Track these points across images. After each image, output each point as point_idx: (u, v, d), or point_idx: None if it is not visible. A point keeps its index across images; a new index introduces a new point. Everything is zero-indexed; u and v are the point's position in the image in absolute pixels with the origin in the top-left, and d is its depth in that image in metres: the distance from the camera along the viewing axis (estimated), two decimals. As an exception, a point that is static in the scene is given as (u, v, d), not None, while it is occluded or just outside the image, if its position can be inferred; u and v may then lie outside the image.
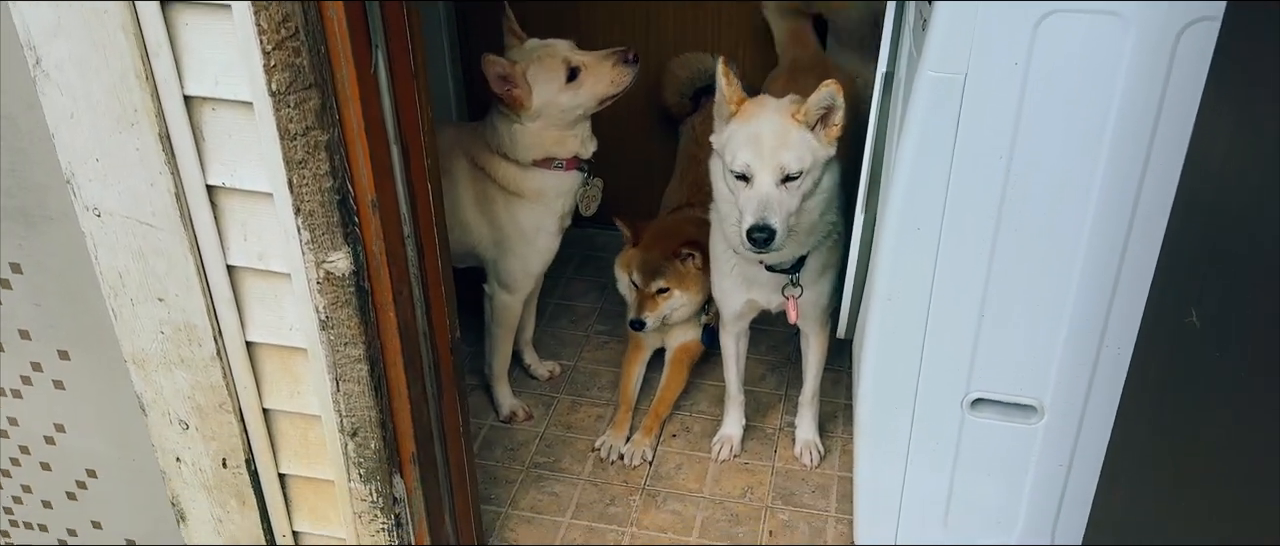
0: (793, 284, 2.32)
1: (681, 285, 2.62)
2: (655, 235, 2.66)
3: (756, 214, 2.05)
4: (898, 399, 2.06)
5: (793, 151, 2.07)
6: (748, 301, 2.44)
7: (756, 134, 2.08)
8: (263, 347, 1.88)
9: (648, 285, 2.61)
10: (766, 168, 2.06)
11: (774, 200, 2.06)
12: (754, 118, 2.11)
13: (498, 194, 2.53)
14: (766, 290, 2.39)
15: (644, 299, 2.63)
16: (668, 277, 2.61)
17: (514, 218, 2.55)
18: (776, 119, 2.09)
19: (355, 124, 1.62)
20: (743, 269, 2.37)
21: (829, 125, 2.10)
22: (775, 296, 2.38)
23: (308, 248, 1.70)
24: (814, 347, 2.57)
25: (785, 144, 2.07)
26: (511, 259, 2.60)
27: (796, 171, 2.08)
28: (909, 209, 1.85)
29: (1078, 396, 1.97)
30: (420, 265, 1.84)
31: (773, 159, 2.06)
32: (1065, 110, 1.69)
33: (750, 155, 2.07)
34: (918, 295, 1.93)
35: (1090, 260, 1.81)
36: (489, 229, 2.58)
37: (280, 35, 1.52)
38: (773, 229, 2.05)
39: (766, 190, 2.07)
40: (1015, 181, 1.77)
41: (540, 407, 2.90)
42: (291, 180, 1.64)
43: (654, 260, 2.61)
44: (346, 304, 1.74)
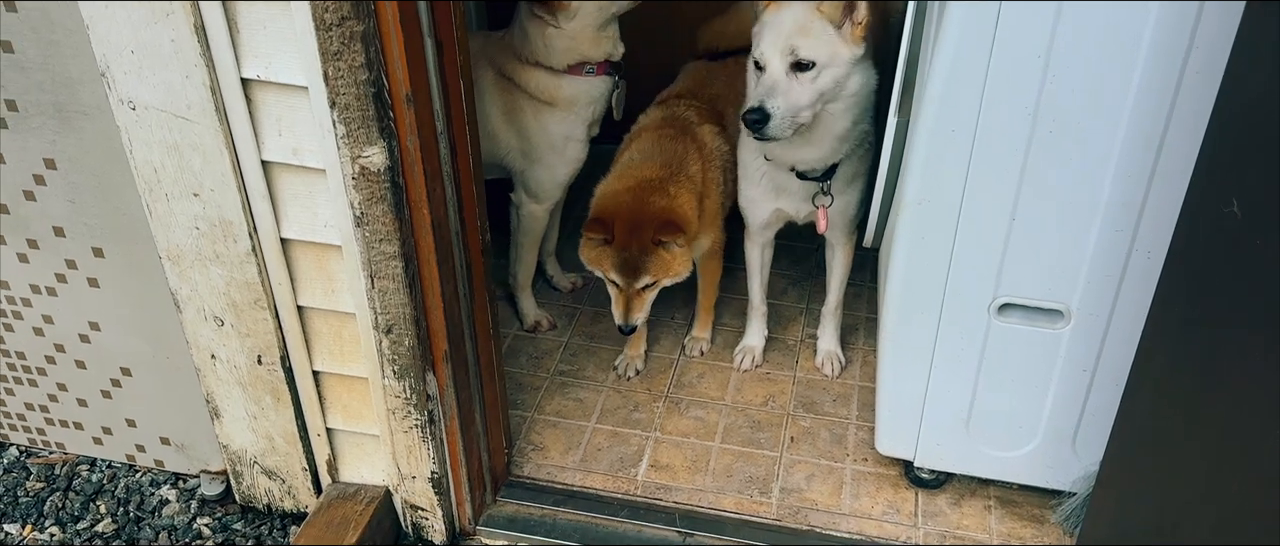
0: (823, 193, 2.32)
1: (666, 271, 2.39)
2: (628, 229, 2.35)
3: (757, 96, 2.06)
4: (924, 304, 2.07)
5: (807, 39, 2.06)
6: (775, 210, 2.44)
7: (776, 24, 2.09)
8: (298, 245, 1.90)
9: (631, 285, 2.40)
10: (777, 52, 2.07)
11: (780, 86, 2.06)
12: (778, 13, 2.12)
13: (526, 104, 2.53)
14: (795, 199, 2.38)
15: (630, 299, 2.41)
16: (652, 272, 2.38)
17: (544, 127, 2.54)
18: (800, 8, 2.09)
19: (390, 15, 1.61)
20: (772, 176, 2.36)
21: (855, 21, 2.08)
22: (804, 206, 2.38)
23: (343, 142, 1.70)
24: (839, 258, 2.58)
25: (802, 31, 2.07)
26: (540, 169, 2.60)
27: (808, 59, 2.06)
28: (944, 111, 1.84)
29: (1105, 301, 1.97)
30: (453, 163, 1.85)
31: (784, 43, 2.06)
32: (1104, 11, 1.67)
33: (766, 43, 2.08)
34: (948, 199, 1.93)
35: (1124, 162, 1.80)
36: (517, 140, 2.58)
37: (317, -78, 1.51)
38: (767, 111, 2.04)
39: (775, 76, 2.07)
40: (1052, 82, 1.75)
41: (563, 318, 2.93)
42: (327, 72, 1.64)
43: (633, 258, 2.36)
44: (382, 199, 1.75)
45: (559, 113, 2.51)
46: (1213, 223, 1.38)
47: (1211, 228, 1.39)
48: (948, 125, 1.85)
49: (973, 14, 1.73)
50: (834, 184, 2.33)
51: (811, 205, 2.35)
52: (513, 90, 2.53)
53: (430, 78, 1.74)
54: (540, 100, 2.50)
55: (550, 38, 2.41)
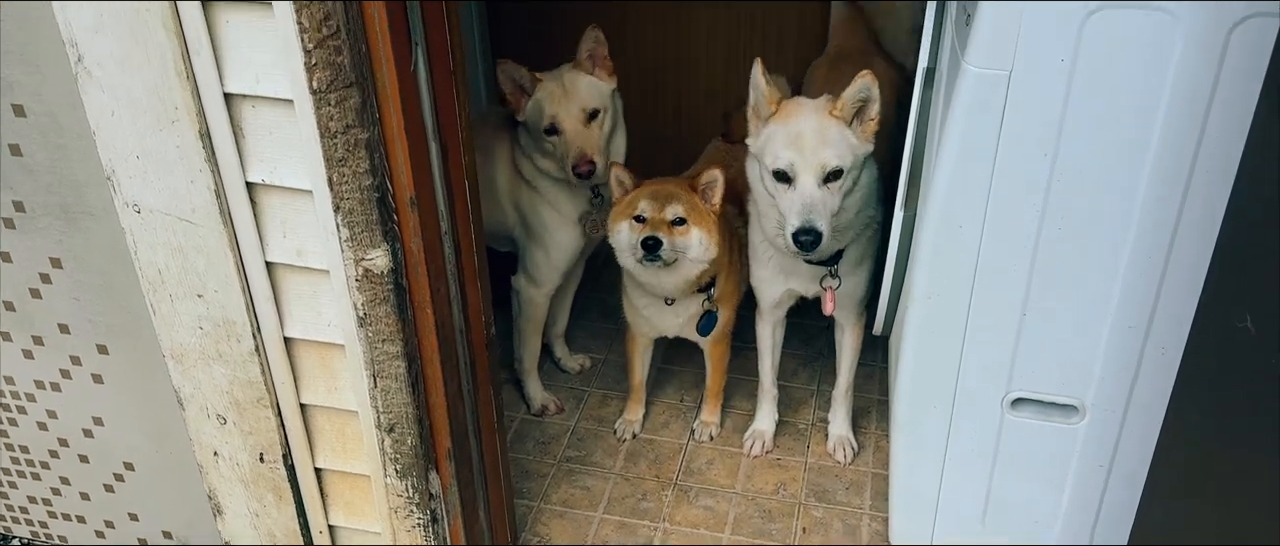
0: (831, 275, 2.31)
1: (700, 221, 2.30)
2: (659, 181, 2.40)
3: (802, 216, 2.03)
4: (936, 397, 2.04)
5: (833, 148, 2.05)
6: (786, 290, 2.44)
7: (797, 132, 2.06)
8: (301, 344, 1.89)
9: (661, 211, 2.29)
10: (809, 167, 2.04)
11: (818, 201, 2.04)
12: (793, 116, 2.09)
13: (522, 183, 2.57)
14: (805, 279, 2.38)
15: (656, 226, 2.28)
16: (684, 206, 2.30)
17: (535, 209, 2.56)
18: (815, 116, 2.08)
19: (395, 122, 1.62)
20: (780, 259, 2.36)
21: (866, 120, 2.08)
22: (813, 285, 2.38)
23: (347, 245, 1.70)
24: (849, 340, 2.55)
25: (826, 141, 2.05)
26: (536, 250, 2.61)
27: (836, 168, 2.06)
28: (950, 206, 1.83)
29: (1120, 396, 1.94)
30: (457, 262, 1.84)
31: (814, 157, 2.04)
32: (1112, 108, 1.66)
33: (792, 154, 2.05)
34: (958, 293, 1.91)
35: (1135, 259, 1.78)
36: (517, 214, 2.61)
37: (321, 33, 1.52)
38: (819, 231, 2.02)
39: (810, 191, 2.05)
40: (1060, 180, 1.74)
41: (571, 401, 2.90)
42: (331, 178, 1.64)
43: (666, 188, 2.33)
44: (385, 301, 1.74)
45: (547, 202, 2.55)
46: (1226, 335, 1.35)
47: (1225, 340, 1.36)
48: (954, 220, 1.84)
49: (977, 111, 1.72)
50: (841, 266, 2.32)
51: (820, 287, 2.34)
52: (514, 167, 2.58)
53: (435, 180, 1.74)
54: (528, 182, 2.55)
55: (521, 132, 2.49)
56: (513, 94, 2.45)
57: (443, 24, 1.66)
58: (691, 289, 2.42)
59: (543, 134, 2.42)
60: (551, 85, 2.41)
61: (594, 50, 2.44)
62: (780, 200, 2.08)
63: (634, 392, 2.76)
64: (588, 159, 2.36)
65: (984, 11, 1.65)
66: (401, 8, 1.57)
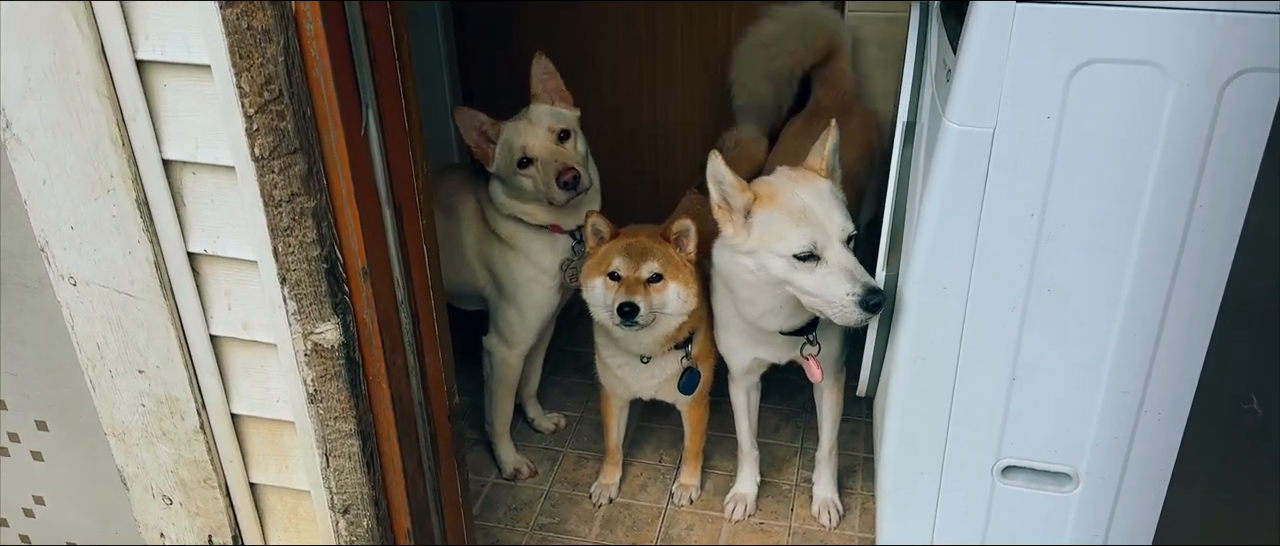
0: (810, 343, 2.19)
1: (677, 274, 2.20)
2: (634, 231, 2.29)
3: (857, 280, 1.86)
4: (923, 465, 1.95)
5: (843, 213, 1.94)
6: (755, 359, 2.32)
7: (805, 209, 1.92)
8: (249, 420, 1.78)
9: (636, 269, 2.18)
10: (833, 238, 1.90)
11: (855, 265, 1.90)
12: (783, 193, 1.96)
13: (493, 240, 2.46)
14: (777, 349, 2.26)
15: (632, 285, 2.18)
16: (660, 262, 2.19)
17: (507, 266, 2.45)
18: (808, 186, 1.97)
19: (344, 189, 1.52)
20: (753, 332, 2.22)
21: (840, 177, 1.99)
22: (786, 353, 2.26)
23: (294, 318, 1.60)
24: (829, 401, 2.45)
25: (834, 206, 1.94)
26: (509, 309, 2.50)
27: (853, 231, 1.93)
28: (934, 267, 1.74)
29: (1115, 464, 1.85)
30: (415, 333, 1.74)
31: (834, 227, 1.91)
32: (1101, 167, 1.58)
33: (810, 231, 1.90)
34: (944, 357, 1.82)
35: (1128, 322, 1.70)
36: (488, 275, 2.51)
37: (263, 98, 1.43)
38: (878, 288, 1.86)
39: (845, 258, 1.90)
40: (1048, 241, 1.66)
41: (545, 463, 2.79)
42: (276, 248, 1.54)
43: (641, 243, 2.21)
44: (336, 376, 1.64)
45: (517, 256, 2.45)
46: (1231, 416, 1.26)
47: (1230, 421, 1.27)
48: (938, 282, 1.75)
49: (960, 170, 1.64)
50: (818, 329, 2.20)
51: (791, 352, 2.23)
52: (484, 224, 2.47)
53: (389, 248, 1.64)
54: (500, 239, 2.44)
55: (494, 188, 2.40)
56: (478, 144, 2.35)
57: (396, 83, 1.57)
58: (668, 345, 2.32)
59: (517, 170, 2.31)
60: (515, 124, 2.33)
61: (545, 81, 2.35)
62: (809, 282, 1.91)
63: (610, 455, 2.65)
64: (569, 167, 2.25)
65: (965, 66, 1.58)
66: (349, 70, 1.48)
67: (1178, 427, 1.76)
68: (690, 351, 2.38)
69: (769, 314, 2.05)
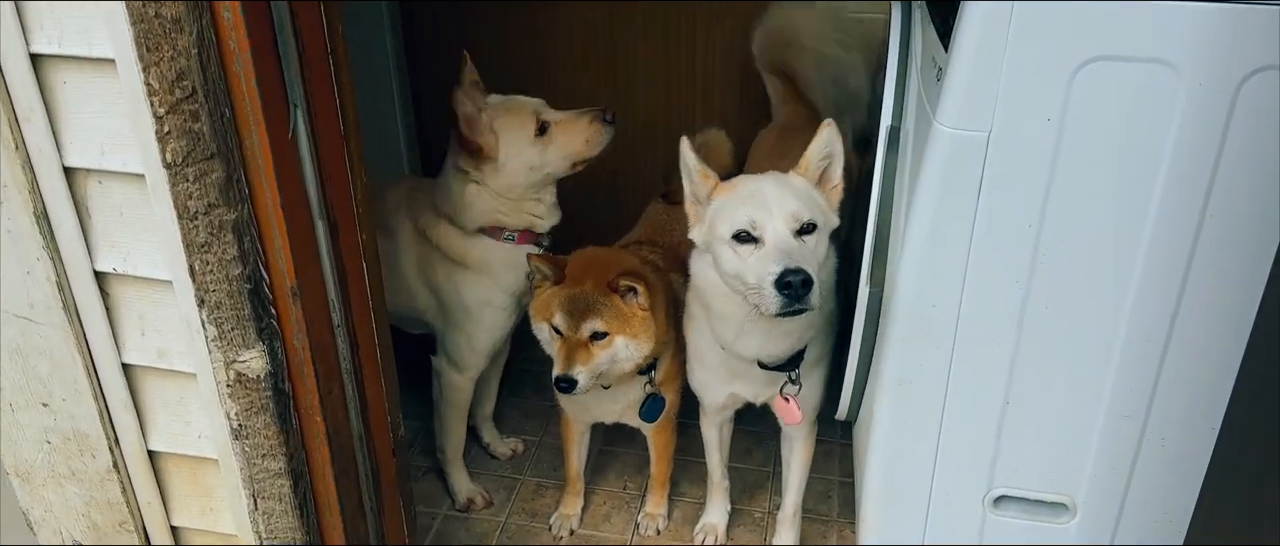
0: (791, 381, 2.00)
1: (624, 328, 2.02)
2: (583, 266, 2.08)
3: (782, 260, 1.66)
4: (910, 496, 1.81)
5: (802, 201, 1.75)
6: (731, 395, 2.14)
7: (755, 190, 1.77)
8: (168, 458, 1.61)
9: (577, 329, 2.01)
10: (776, 217, 1.71)
11: (795, 248, 1.70)
12: (744, 183, 1.83)
13: (440, 262, 2.26)
14: (756, 385, 2.08)
15: (573, 348, 2.01)
16: (605, 318, 2.00)
17: (456, 289, 2.26)
18: (774, 177, 1.82)
19: (269, 198, 1.35)
20: (730, 363, 2.04)
21: (828, 187, 1.83)
22: (764, 390, 2.08)
23: (215, 345, 1.42)
24: (799, 453, 2.25)
25: (793, 193, 1.76)
26: (457, 333, 2.31)
27: (810, 221, 1.74)
28: (923, 284, 1.61)
29: (1114, 493, 1.72)
30: (354, 359, 1.57)
31: (781, 208, 1.72)
32: (1105, 173, 1.45)
33: (752, 209, 1.73)
34: (933, 379, 1.68)
35: (1132, 339, 1.57)
36: (433, 299, 2.32)
37: (175, 96, 1.26)
38: (808, 272, 1.65)
39: (784, 239, 1.71)
40: (1046, 253, 1.53)
41: (501, 492, 2.61)
42: (193, 266, 1.37)
43: (584, 296, 2.02)
44: (262, 409, 1.47)
45: (472, 276, 2.25)
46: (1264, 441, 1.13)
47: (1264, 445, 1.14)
48: (927, 299, 1.62)
49: (952, 177, 1.51)
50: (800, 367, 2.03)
51: (771, 390, 2.06)
52: (427, 245, 2.27)
53: (323, 265, 1.47)
54: (452, 260, 2.24)
55: (469, 194, 2.17)
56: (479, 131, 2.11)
57: (329, 78, 1.40)
58: (630, 374, 2.16)
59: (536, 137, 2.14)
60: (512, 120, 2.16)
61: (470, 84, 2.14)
62: (747, 267, 1.72)
63: (570, 484, 2.49)
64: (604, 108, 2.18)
65: (958, 64, 1.44)
66: (274, 64, 1.31)
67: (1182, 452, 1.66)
68: (653, 377, 2.22)
69: (743, 334, 1.89)
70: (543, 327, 2.08)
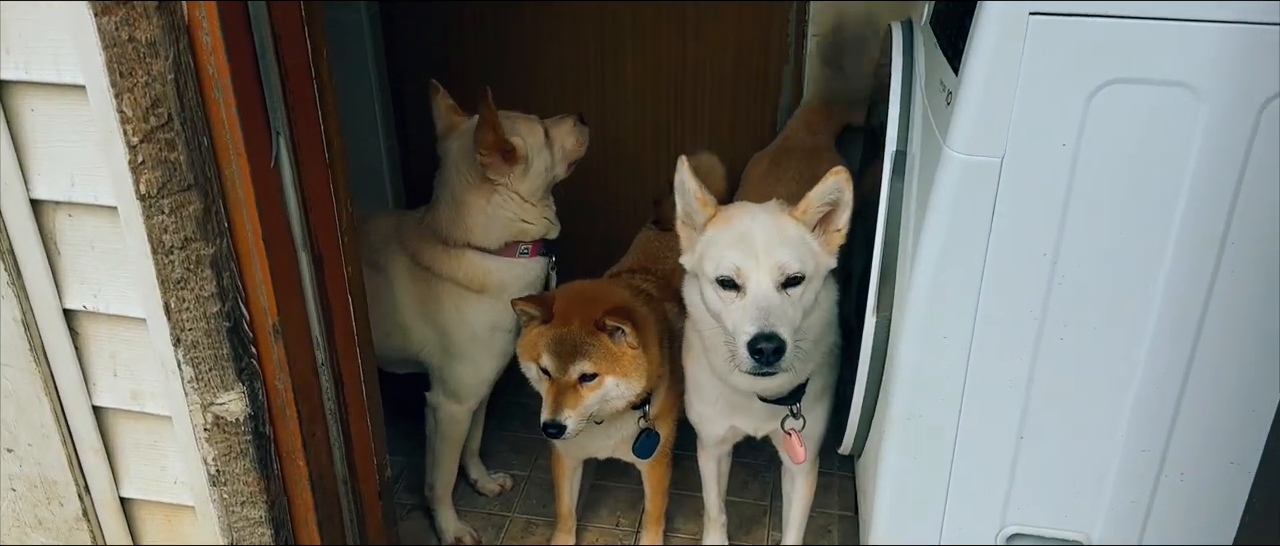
0: (793, 415, 1.93)
1: (614, 368, 1.96)
2: (570, 303, 2.01)
3: (758, 320, 1.63)
4: (919, 534, 1.74)
5: (791, 250, 1.69)
6: (730, 428, 2.07)
7: (745, 233, 1.71)
8: (141, 505, 1.52)
9: (565, 371, 1.94)
10: (762, 267, 1.67)
11: (775, 305, 1.66)
12: (738, 219, 1.75)
13: (447, 293, 2.19)
14: (757, 419, 2.01)
15: (562, 390, 1.95)
16: (593, 359, 1.94)
17: (466, 319, 2.19)
18: (768, 217, 1.75)
19: (250, 231, 1.28)
20: (729, 396, 1.97)
21: (830, 229, 1.75)
22: (764, 424, 2.01)
23: (191, 387, 1.34)
24: (801, 490, 2.18)
25: (783, 240, 1.70)
26: (462, 365, 2.24)
27: (797, 273, 1.69)
28: (933, 313, 1.55)
29: (1132, 530, 1.66)
30: (338, 399, 1.49)
31: (768, 257, 1.68)
32: (1123, 199, 1.41)
33: (739, 256, 1.68)
34: (943, 413, 1.62)
35: (1150, 372, 1.52)
36: (434, 333, 2.23)
37: (150, 124, 1.18)
38: (780, 337, 1.61)
39: (765, 292, 1.67)
40: (1062, 282, 1.48)
41: (490, 530, 2.53)
42: (168, 304, 1.29)
43: (571, 336, 1.95)
44: (242, 455, 1.38)
45: (487, 301, 2.19)
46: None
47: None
48: (938, 329, 1.56)
49: (963, 204, 1.45)
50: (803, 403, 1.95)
51: (772, 424, 1.99)
52: (430, 279, 2.20)
53: (307, 301, 1.39)
54: (468, 288, 2.18)
55: (495, 206, 2.14)
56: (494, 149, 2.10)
57: (312, 103, 1.33)
58: (624, 409, 2.08)
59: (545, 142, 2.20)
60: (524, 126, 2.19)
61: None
62: (727, 313, 1.69)
63: (562, 522, 2.41)
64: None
65: (969, 87, 1.39)
66: (256, 89, 1.24)
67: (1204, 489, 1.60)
68: (648, 412, 2.15)
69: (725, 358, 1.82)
70: (531, 367, 2.01)
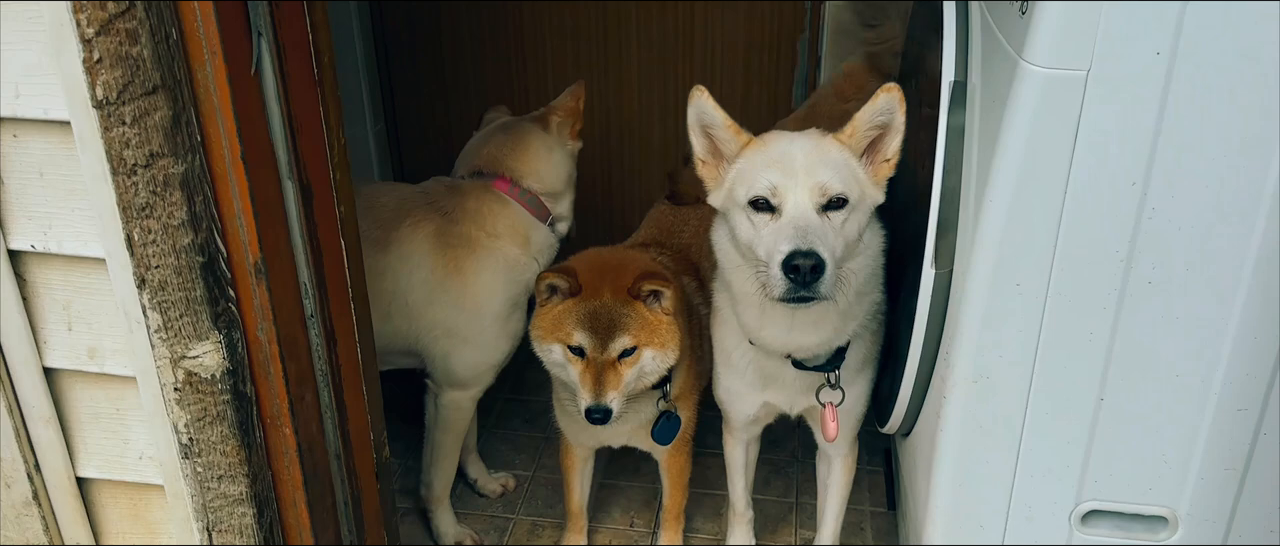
0: (830, 386, 1.76)
1: (651, 339, 1.82)
2: (596, 273, 1.86)
3: (794, 240, 1.46)
4: (983, 515, 1.56)
5: (835, 171, 1.54)
6: (763, 405, 1.89)
7: (783, 154, 1.56)
8: (101, 486, 1.32)
9: (604, 348, 1.80)
10: (801, 186, 1.51)
11: (815, 225, 1.50)
12: (775, 142, 1.61)
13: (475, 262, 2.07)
14: (790, 391, 1.84)
15: (602, 371, 1.80)
16: (633, 331, 1.80)
17: (493, 291, 2.08)
18: (809, 140, 1.60)
19: (226, 148, 1.09)
20: (760, 364, 1.81)
21: (879, 159, 1.59)
22: (799, 399, 1.84)
23: (159, 338, 1.15)
24: (837, 474, 2.00)
25: (825, 162, 1.54)
26: (471, 349, 2.09)
27: (840, 194, 1.52)
28: (1004, 259, 1.37)
29: (1223, 503, 1.49)
30: (330, 359, 1.29)
31: (808, 177, 1.52)
32: (1224, 119, 1.24)
33: (776, 174, 1.53)
34: (1014, 374, 1.44)
35: (1248, 320, 1.35)
36: (448, 311, 2.08)
37: (106, 12, 1.00)
38: (820, 257, 1.44)
39: (804, 212, 1.50)
40: (1151, 216, 1.31)
41: (492, 533, 2.32)
42: (131, 236, 1.10)
43: (607, 309, 1.81)
44: (219, 418, 1.18)
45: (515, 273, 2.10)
46: None
47: None
48: (1010, 276, 1.38)
49: (1042, 126, 1.28)
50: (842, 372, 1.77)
51: (809, 398, 1.81)
52: (458, 248, 2.06)
53: (294, 238, 1.20)
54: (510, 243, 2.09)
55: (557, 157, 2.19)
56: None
57: (300, 7, 1.14)
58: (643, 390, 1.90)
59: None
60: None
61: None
62: (760, 240, 1.52)
63: (572, 520, 2.21)
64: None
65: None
66: (234, -24, 1.06)
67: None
68: (668, 392, 1.96)
69: (767, 320, 1.64)
70: (555, 348, 1.84)
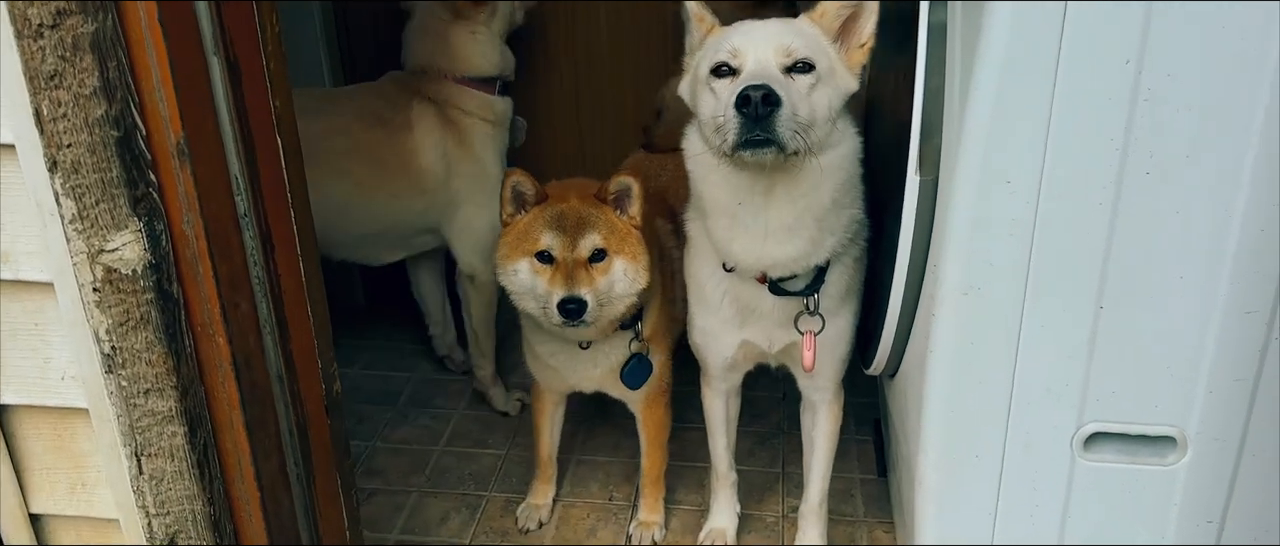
0: (809, 312, 1.68)
1: (622, 247, 1.76)
2: (563, 187, 1.84)
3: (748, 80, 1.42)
4: (978, 441, 1.46)
5: (801, 36, 1.49)
6: (742, 345, 1.79)
7: (748, 27, 1.53)
8: (21, 414, 1.20)
9: (574, 246, 1.74)
10: (763, 45, 1.47)
11: (776, 76, 1.44)
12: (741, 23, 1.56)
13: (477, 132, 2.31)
14: (769, 325, 1.73)
15: (572, 269, 1.73)
16: (602, 232, 1.75)
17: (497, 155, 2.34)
18: (775, 20, 1.55)
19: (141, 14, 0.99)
20: (737, 295, 1.71)
21: (852, 44, 1.53)
22: (778, 333, 1.74)
23: (75, 230, 1.04)
24: (822, 424, 1.88)
25: (790, 28, 1.51)
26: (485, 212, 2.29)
27: (805, 58, 1.47)
28: (992, 157, 1.30)
29: (1235, 420, 1.40)
30: (268, 266, 1.19)
31: (772, 40, 1.48)
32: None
33: (738, 37, 1.50)
34: (1007, 285, 1.36)
35: (1254, 211, 1.27)
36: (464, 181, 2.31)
37: None
38: (775, 94, 1.38)
39: (765, 67, 1.46)
40: (1147, 97, 1.23)
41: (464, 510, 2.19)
42: (40, 110, 1.00)
43: (575, 210, 1.77)
44: (144, 321, 1.08)
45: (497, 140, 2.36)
46: None
47: None
48: (1000, 174, 1.31)
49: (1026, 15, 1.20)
50: (822, 298, 1.69)
51: (789, 332, 1.71)
52: (460, 122, 2.30)
53: (221, 120, 1.10)
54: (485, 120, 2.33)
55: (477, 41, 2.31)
56: None
57: None
58: (613, 327, 1.80)
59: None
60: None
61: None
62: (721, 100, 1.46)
63: (541, 469, 2.11)
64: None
65: None
66: None
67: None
68: (640, 330, 1.87)
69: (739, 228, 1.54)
70: (522, 264, 1.77)
